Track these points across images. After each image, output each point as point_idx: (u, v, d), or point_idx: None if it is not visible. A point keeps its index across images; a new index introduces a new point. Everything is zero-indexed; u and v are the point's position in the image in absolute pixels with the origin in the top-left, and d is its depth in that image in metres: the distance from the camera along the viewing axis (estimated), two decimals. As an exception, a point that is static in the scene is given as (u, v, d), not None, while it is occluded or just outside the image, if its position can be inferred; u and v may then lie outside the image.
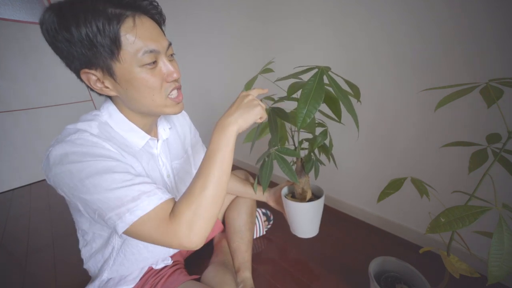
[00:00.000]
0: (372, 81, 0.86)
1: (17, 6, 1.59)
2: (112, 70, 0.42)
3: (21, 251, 1.09)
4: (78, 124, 0.47)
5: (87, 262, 0.60)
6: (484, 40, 0.62)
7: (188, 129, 0.75)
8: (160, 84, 0.45)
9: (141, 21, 0.42)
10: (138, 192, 0.41)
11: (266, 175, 0.60)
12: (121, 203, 0.40)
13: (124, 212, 0.40)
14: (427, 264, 0.79)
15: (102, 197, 0.40)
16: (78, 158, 0.40)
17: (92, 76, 0.43)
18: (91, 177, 0.39)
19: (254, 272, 0.83)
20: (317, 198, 0.71)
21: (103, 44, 0.39)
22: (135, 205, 0.40)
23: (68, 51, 0.40)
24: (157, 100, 0.47)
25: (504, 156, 0.40)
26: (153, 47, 0.42)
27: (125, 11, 0.40)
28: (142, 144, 0.54)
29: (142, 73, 0.43)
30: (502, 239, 0.32)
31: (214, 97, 1.73)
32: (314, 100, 0.42)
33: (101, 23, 0.37)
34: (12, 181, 1.74)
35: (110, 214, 0.40)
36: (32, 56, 1.68)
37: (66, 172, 0.40)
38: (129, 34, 0.40)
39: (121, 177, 0.41)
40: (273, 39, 1.13)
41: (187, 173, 0.72)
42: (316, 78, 0.43)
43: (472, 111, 0.68)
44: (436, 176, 0.80)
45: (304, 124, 0.42)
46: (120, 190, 0.40)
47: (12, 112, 1.67)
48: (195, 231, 0.41)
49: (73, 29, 0.37)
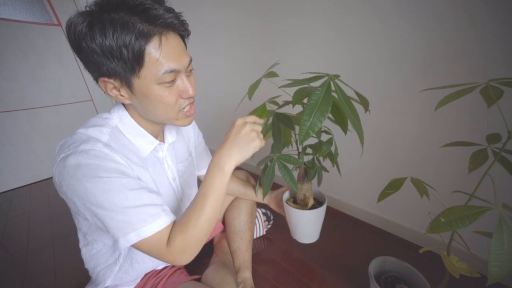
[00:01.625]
0: (373, 80, 0.86)
1: (17, 6, 1.59)
2: (131, 82, 0.42)
3: (21, 251, 1.09)
4: (89, 130, 0.47)
5: (87, 262, 0.60)
6: (485, 40, 0.62)
7: (192, 131, 0.75)
8: (175, 101, 0.46)
9: (167, 40, 0.41)
10: (146, 215, 0.44)
11: (267, 181, 0.59)
12: (129, 223, 0.43)
13: (130, 232, 0.43)
14: (427, 264, 0.79)
15: (113, 214, 0.42)
16: (93, 173, 0.41)
17: (109, 84, 0.44)
18: (106, 194, 0.41)
19: (254, 272, 0.83)
20: (319, 204, 0.71)
21: (125, 60, 0.39)
22: (141, 226, 0.43)
23: (90, 59, 0.40)
24: (170, 114, 0.48)
25: (504, 156, 0.40)
26: (174, 67, 0.42)
27: (153, 29, 0.39)
28: (150, 149, 0.54)
29: (160, 90, 0.43)
30: (502, 239, 0.32)
31: (220, 97, 1.72)
32: (320, 112, 0.39)
33: (128, 38, 0.37)
34: (12, 181, 1.74)
35: (116, 230, 0.43)
36: (32, 56, 1.68)
37: (81, 185, 0.41)
38: (153, 53, 0.40)
39: (133, 195, 0.44)
40: (279, 37, 1.12)
41: (192, 175, 0.73)
42: (324, 88, 0.40)
43: (472, 111, 0.68)
44: (436, 176, 0.80)
45: (308, 137, 0.40)
46: (131, 211, 0.43)
47: (12, 112, 1.67)
48: (186, 255, 0.47)
49: (99, 39, 0.37)
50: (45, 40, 1.71)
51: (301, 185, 0.69)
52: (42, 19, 1.68)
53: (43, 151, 1.83)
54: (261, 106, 0.60)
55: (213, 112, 1.82)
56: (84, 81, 1.95)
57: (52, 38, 1.74)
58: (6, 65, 1.59)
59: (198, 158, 0.78)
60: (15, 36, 1.59)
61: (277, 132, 0.57)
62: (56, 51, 1.77)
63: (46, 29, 1.70)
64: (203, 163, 0.81)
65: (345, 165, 1.03)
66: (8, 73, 1.60)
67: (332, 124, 0.63)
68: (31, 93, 1.73)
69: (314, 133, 0.40)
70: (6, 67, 1.59)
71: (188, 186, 0.70)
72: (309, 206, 0.69)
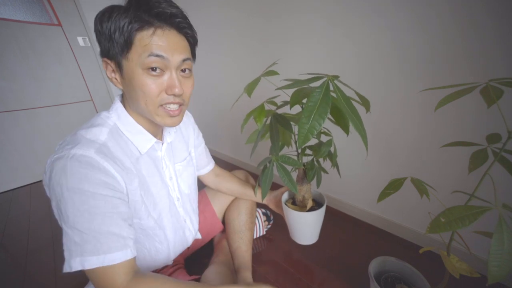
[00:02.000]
0: (373, 80, 0.86)
1: (17, 6, 1.59)
2: (121, 65, 0.45)
3: (21, 251, 1.09)
4: (88, 131, 0.47)
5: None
6: (485, 40, 0.62)
7: (192, 130, 0.75)
8: (157, 93, 0.46)
9: (164, 33, 0.44)
10: (105, 243, 0.42)
11: (265, 183, 0.59)
12: (80, 247, 0.41)
13: (76, 256, 0.41)
14: (427, 264, 0.79)
15: (69, 231, 0.41)
16: (76, 183, 0.41)
17: (109, 65, 0.47)
18: (76, 210, 0.41)
19: (254, 272, 0.83)
20: (319, 206, 0.70)
21: (117, 41, 0.43)
22: (89, 255, 0.41)
23: (99, 40, 0.46)
24: (150, 106, 0.47)
25: (504, 156, 0.40)
26: (160, 53, 0.43)
27: (153, 21, 0.43)
28: (148, 146, 0.54)
29: (143, 76, 0.44)
30: (502, 239, 0.32)
31: (220, 97, 1.72)
32: (319, 115, 0.38)
33: (123, 23, 0.42)
34: (12, 181, 1.74)
35: (66, 249, 0.42)
36: (32, 56, 1.67)
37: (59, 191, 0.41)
38: (144, 39, 0.43)
39: (101, 220, 0.42)
40: (279, 36, 1.12)
41: (190, 175, 0.72)
42: (322, 89, 0.39)
43: (472, 111, 0.68)
44: (436, 176, 0.80)
45: (307, 141, 0.39)
46: (89, 236, 0.41)
47: (12, 112, 1.66)
48: None
49: (104, 23, 0.43)
50: (45, 40, 1.71)
51: (300, 186, 0.69)
52: (42, 19, 1.68)
53: (43, 151, 1.83)
54: (259, 107, 0.60)
55: (213, 112, 1.82)
56: (84, 81, 1.95)
57: (52, 38, 1.74)
58: (6, 65, 1.58)
59: (197, 158, 0.78)
60: (15, 36, 1.59)
61: (275, 133, 0.56)
62: (56, 51, 1.77)
63: (46, 29, 1.70)
64: (202, 163, 0.81)
65: (345, 165, 1.03)
66: (8, 73, 1.60)
67: (332, 125, 0.63)
68: (31, 93, 1.72)
69: (313, 136, 0.39)
70: (6, 67, 1.59)
71: (186, 186, 0.70)
72: (308, 208, 0.69)
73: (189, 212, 0.72)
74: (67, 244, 0.42)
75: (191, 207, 0.73)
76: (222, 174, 0.86)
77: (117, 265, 0.43)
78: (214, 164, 0.86)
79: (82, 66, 1.91)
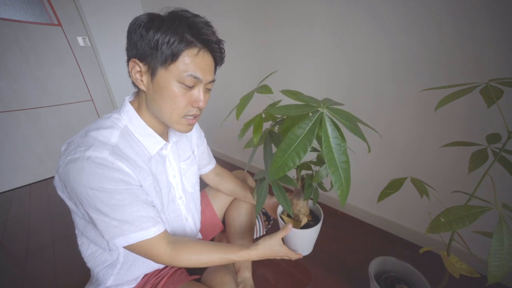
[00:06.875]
0: (372, 81, 0.86)
1: (17, 6, 1.59)
2: (156, 72, 0.47)
3: (21, 251, 1.09)
4: (99, 133, 0.49)
5: (87, 262, 0.60)
6: (484, 40, 0.62)
7: (194, 129, 0.76)
8: (185, 105, 0.51)
9: (203, 55, 0.49)
10: (137, 224, 0.49)
11: (260, 198, 0.58)
12: (120, 230, 0.48)
13: (118, 236, 0.48)
14: (427, 264, 0.79)
15: (107, 220, 0.47)
16: (98, 182, 0.44)
17: (137, 66, 0.49)
18: (105, 204, 0.45)
19: (254, 272, 0.83)
20: (315, 220, 0.69)
21: (163, 52, 0.45)
22: (130, 233, 0.48)
23: (135, 42, 0.47)
24: (174, 115, 0.51)
25: (504, 156, 0.40)
26: (198, 75, 0.49)
27: (197, 42, 0.47)
28: (157, 149, 0.57)
29: (177, 88, 0.48)
30: (502, 239, 0.32)
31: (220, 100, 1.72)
32: (296, 152, 0.34)
33: (173, 40, 0.45)
34: (12, 181, 1.74)
35: (107, 233, 0.48)
36: (32, 56, 1.67)
37: (84, 192, 0.44)
38: (188, 57, 0.47)
39: (130, 208, 0.48)
40: (279, 43, 1.12)
41: (194, 174, 0.74)
42: (309, 124, 0.35)
43: (472, 111, 0.68)
44: (436, 176, 0.80)
45: (276, 177, 0.36)
46: (125, 220, 0.47)
47: (12, 112, 1.66)
48: (183, 264, 0.54)
49: (151, 31, 0.45)
50: (45, 40, 1.71)
51: (296, 200, 0.67)
52: (42, 19, 1.68)
53: (43, 151, 1.83)
54: (257, 120, 0.56)
55: (213, 112, 1.82)
56: (84, 81, 1.95)
57: (52, 38, 1.74)
58: (7, 66, 1.59)
59: (200, 157, 0.78)
60: (16, 36, 1.59)
61: (269, 154, 0.53)
62: (57, 51, 1.77)
63: (46, 29, 1.70)
64: (204, 162, 0.81)
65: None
66: (8, 73, 1.60)
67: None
68: (32, 93, 1.72)
69: (284, 173, 0.36)
70: (7, 67, 1.59)
71: (189, 184, 0.71)
72: (303, 224, 0.68)
73: (192, 211, 0.72)
74: (107, 229, 0.47)
75: (194, 206, 0.74)
76: (222, 174, 0.86)
77: (156, 237, 0.50)
78: (215, 163, 0.86)
79: (82, 66, 1.91)
